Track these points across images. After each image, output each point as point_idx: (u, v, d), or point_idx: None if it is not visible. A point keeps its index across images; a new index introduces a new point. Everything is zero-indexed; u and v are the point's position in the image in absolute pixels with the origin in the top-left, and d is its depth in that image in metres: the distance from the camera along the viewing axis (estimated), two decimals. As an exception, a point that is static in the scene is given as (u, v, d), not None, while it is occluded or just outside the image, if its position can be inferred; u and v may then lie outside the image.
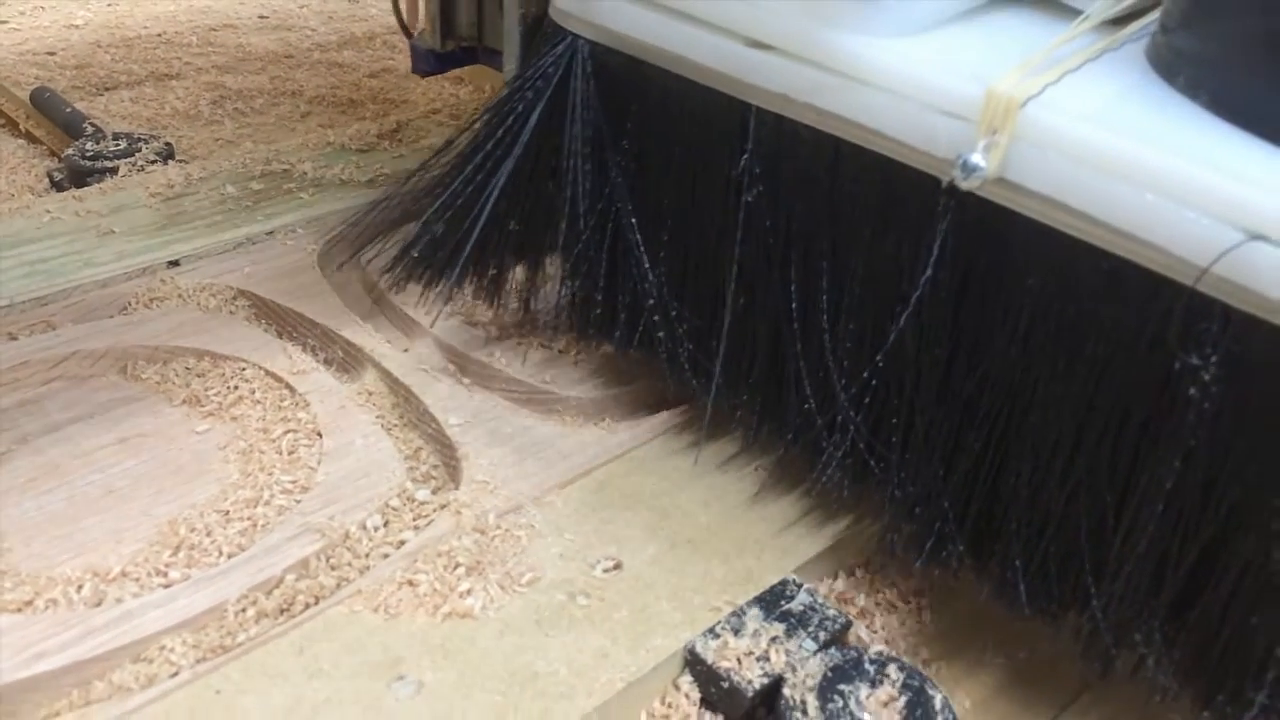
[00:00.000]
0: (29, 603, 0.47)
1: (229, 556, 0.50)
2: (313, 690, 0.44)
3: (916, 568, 0.48)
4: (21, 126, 0.96)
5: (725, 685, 0.45)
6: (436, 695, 0.44)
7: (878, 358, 0.47)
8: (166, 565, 0.49)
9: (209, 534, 0.51)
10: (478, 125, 0.57)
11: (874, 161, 0.45)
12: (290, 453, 0.56)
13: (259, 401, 0.60)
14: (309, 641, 0.46)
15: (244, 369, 0.61)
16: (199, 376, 0.61)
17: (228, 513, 0.53)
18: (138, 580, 0.49)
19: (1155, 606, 0.41)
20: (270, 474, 0.55)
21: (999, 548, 0.45)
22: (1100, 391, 0.41)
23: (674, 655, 0.46)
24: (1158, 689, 0.42)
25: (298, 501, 0.53)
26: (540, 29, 0.57)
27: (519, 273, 0.62)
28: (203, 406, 0.60)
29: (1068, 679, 0.48)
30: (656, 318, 0.55)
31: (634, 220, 0.55)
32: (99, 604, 0.47)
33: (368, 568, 0.50)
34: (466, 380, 0.61)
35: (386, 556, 0.50)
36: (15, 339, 0.62)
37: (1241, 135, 0.38)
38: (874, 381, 0.48)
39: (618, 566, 0.50)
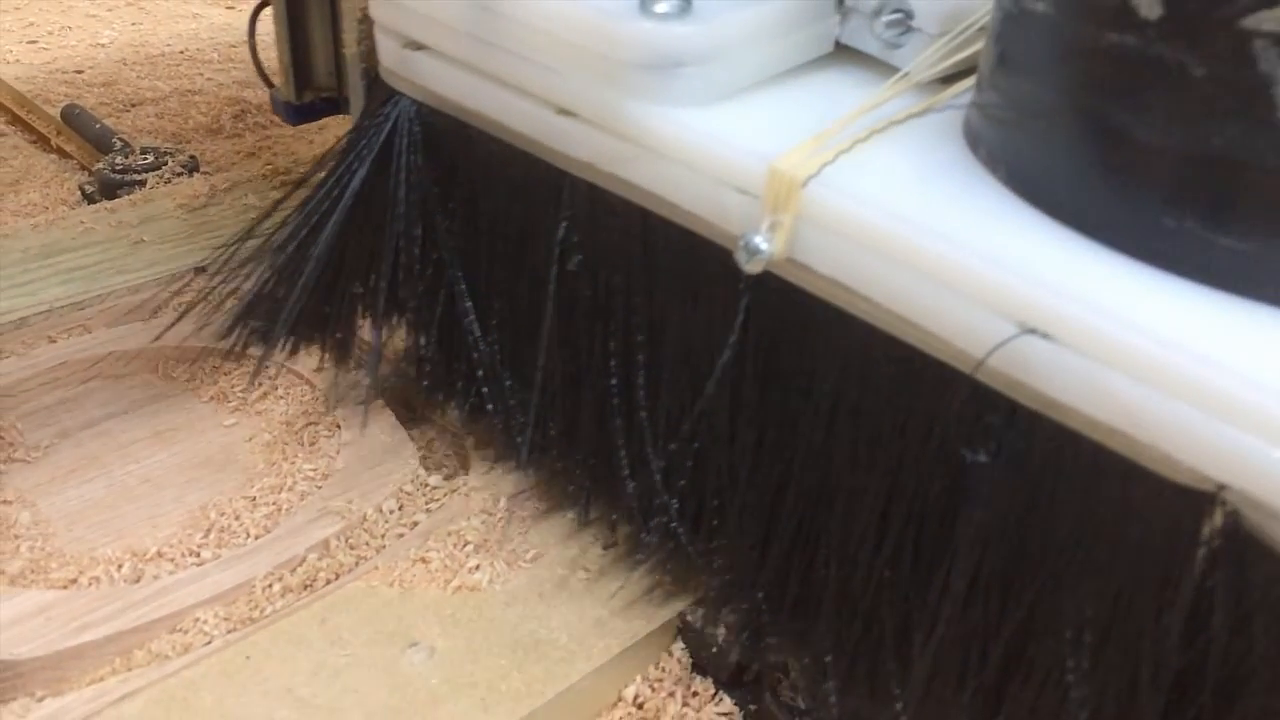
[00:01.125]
0: (74, 580, 0.51)
1: (256, 538, 0.54)
2: (334, 656, 0.48)
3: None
4: (53, 142, 1.00)
5: (714, 650, 0.49)
6: (447, 660, 0.48)
7: (680, 436, 0.46)
8: (199, 546, 0.54)
9: (237, 518, 0.55)
10: (312, 185, 0.56)
11: (679, 234, 0.43)
12: (311, 444, 0.60)
13: (282, 397, 0.64)
14: (330, 613, 0.50)
15: (268, 366, 0.66)
16: (225, 375, 0.66)
17: (254, 499, 0.57)
18: (172, 560, 0.53)
19: (958, 712, 0.39)
20: (293, 463, 0.59)
21: (813, 641, 0.44)
22: (899, 485, 0.39)
23: (668, 624, 0.50)
24: None
25: (318, 488, 0.57)
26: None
27: (370, 335, 0.60)
28: (229, 402, 0.64)
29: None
30: (487, 389, 0.54)
31: (464, 287, 0.54)
32: (138, 580, 0.51)
33: (383, 547, 0.54)
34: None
35: (401, 536, 0.54)
36: (55, 341, 0.66)
37: (1030, 215, 0.36)
38: (689, 463, 0.46)
39: (615, 545, 0.54)
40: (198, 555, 0.53)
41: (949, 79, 0.42)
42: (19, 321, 0.66)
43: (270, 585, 0.51)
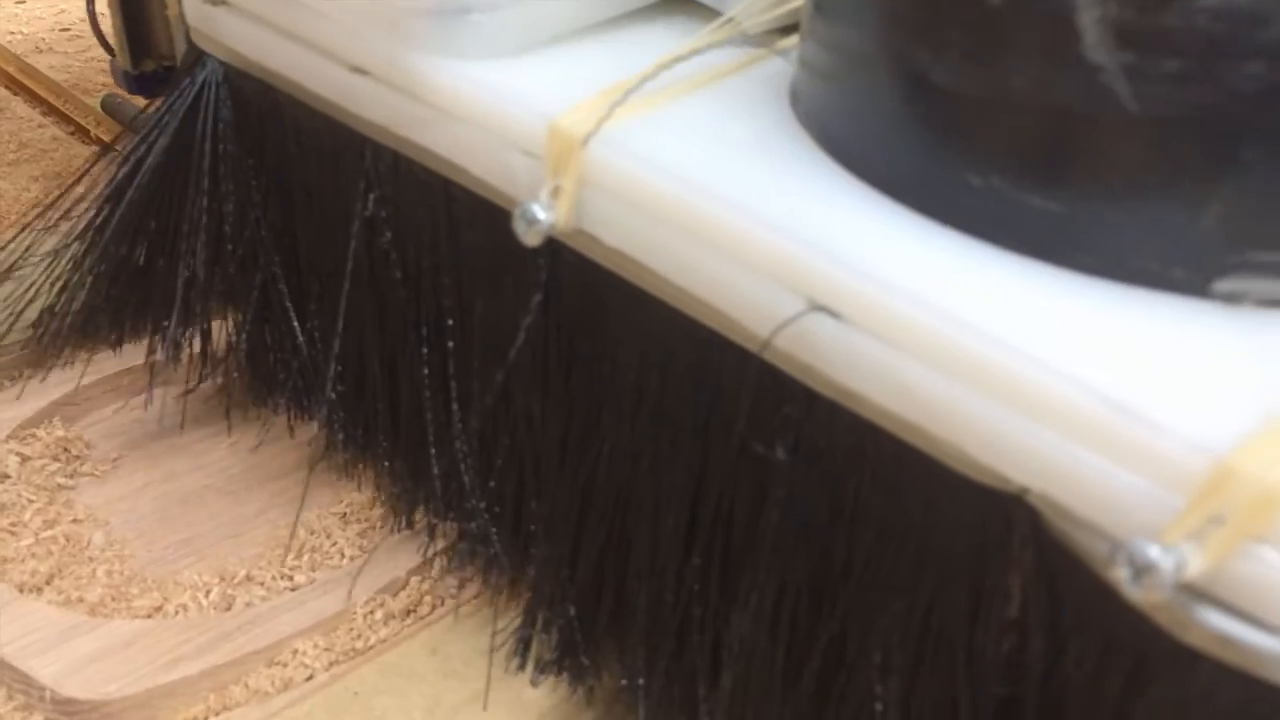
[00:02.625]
0: (159, 608, 0.47)
1: (351, 559, 0.50)
2: (450, 691, 0.44)
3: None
4: (93, 134, 0.96)
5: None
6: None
7: (486, 429, 0.43)
8: (291, 568, 0.49)
9: (329, 536, 0.51)
10: (112, 162, 0.52)
11: (480, 205, 0.39)
12: (400, 453, 0.56)
13: (363, 402, 0.60)
14: (440, 642, 0.46)
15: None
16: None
17: (344, 515, 0.52)
18: (264, 584, 0.49)
19: None
20: (383, 475, 0.55)
21: (626, 660, 0.40)
22: (705, 487, 0.35)
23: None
24: None
25: (414, 502, 0.53)
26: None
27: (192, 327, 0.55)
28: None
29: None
30: (304, 382, 0.51)
31: (278, 269, 0.50)
32: (228, 608, 0.47)
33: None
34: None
35: (508, 555, 0.50)
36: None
37: (839, 179, 0.32)
38: (499, 462, 0.43)
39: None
40: (290, 579, 0.49)
41: (790, 28, 0.38)
42: (78, 324, 0.62)
43: (372, 611, 0.47)
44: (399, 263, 0.44)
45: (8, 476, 0.53)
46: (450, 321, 0.43)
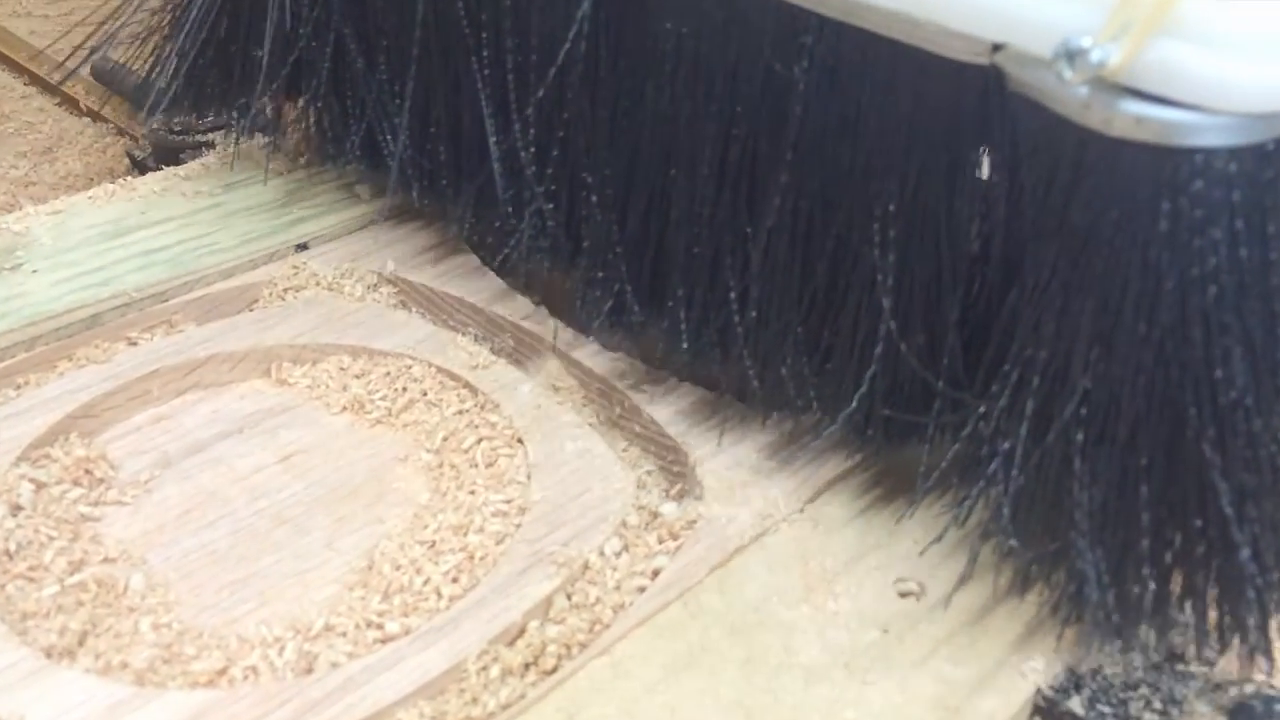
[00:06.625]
0: (222, 672, 0.38)
1: (451, 600, 0.41)
2: (599, 772, 0.35)
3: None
4: (82, 104, 0.86)
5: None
6: (758, 772, 0.35)
7: (531, 127, 0.49)
8: (379, 615, 0.40)
9: (419, 571, 0.42)
10: None
11: None
12: (489, 465, 0.47)
13: (435, 404, 0.51)
14: (576, 706, 0.37)
15: (410, 366, 0.52)
16: (357, 378, 0.52)
17: (433, 544, 0.43)
18: (346, 635, 0.40)
19: (793, 334, 0.43)
20: (473, 493, 0.46)
21: (670, 301, 0.47)
22: (734, 127, 0.42)
23: (1024, 703, 0.38)
24: (803, 412, 0.45)
25: (517, 526, 0.44)
26: None
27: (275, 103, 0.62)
28: (369, 413, 0.50)
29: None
30: (380, 121, 0.56)
31: (348, 15, 0.55)
32: (309, 670, 0.38)
33: (622, 605, 0.40)
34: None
35: (642, 590, 0.41)
36: (136, 344, 0.53)
37: None
38: (554, 153, 0.49)
39: (920, 590, 0.41)
40: (380, 628, 0.40)
41: None
42: (91, 319, 0.52)
43: (485, 668, 0.38)
44: None
45: (21, 509, 0.43)
46: (508, 21, 0.48)
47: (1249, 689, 0.37)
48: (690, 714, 0.36)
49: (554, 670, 0.38)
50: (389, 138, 0.56)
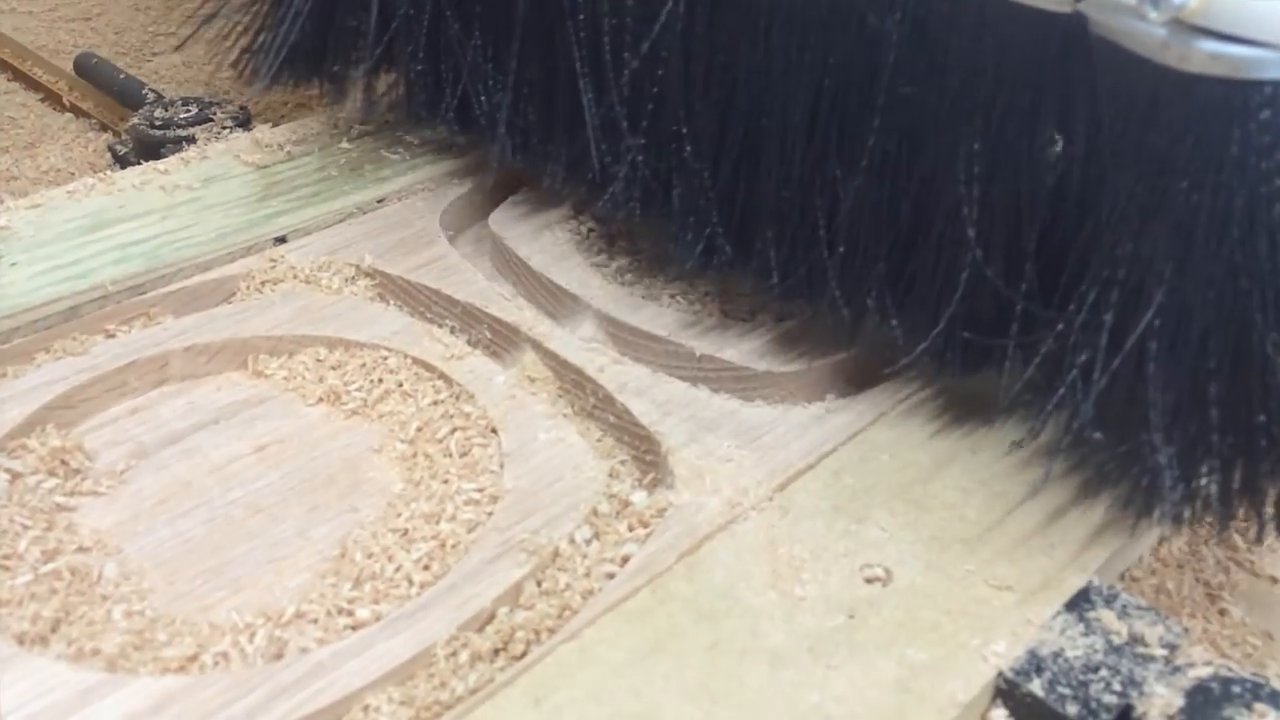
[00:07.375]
0: (193, 658, 0.39)
1: (422, 587, 0.41)
2: (565, 754, 0.35)
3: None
4: (65, 100, 0.86)
5: None
6: (721, 754, 0.35)
7: (629, 83, 0.51)
8: (350, 601, 0.41)
9: (390, 559, 0.43)
10: None
11: None
12: (463, 454, 0.47)
13: (410, 395, 0.51)
14: (544, 690, 0.37)
15: (386, 358, 0.52)
16: (334, 369, 0.52)
17: (406, 532, 0.44)
18: (318, 622, 0.40)
19: (879, 267, 0.46)
20: (446, 482, 0.46)
21: (759, 243, 0.49)
22: (826, 77, 0.45)
23: (985, 686, 0.38)
24: (889, 343, 0.47)
25: (488, 514, 0.44)
26: None
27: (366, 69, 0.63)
28: (344, 404, 0.51)
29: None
30: (477, 85, 0.58)
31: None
32: (279, 656, 0.39)
33: (591, 591, 0.41)
34: (646, 359, 0.52)
35: (611, 576, 0.41)
36: (114, 336, 0.53)
37: None
38: (650, 107, 0.51)
39: (887, 576, 0.42)
40: (350, 614, 0.40)
41: None
42: (68, 312, 0.53)
43: (454, 654, 0.39)
44: None
45: (-5, 498, 0.44)
46: (607, 3, 0.51)
47: (1206, 671, 0.37)
48: (656, 698, 0.37)
49: (523, 655, 0.39)
50: (484, 99, 0.58)
